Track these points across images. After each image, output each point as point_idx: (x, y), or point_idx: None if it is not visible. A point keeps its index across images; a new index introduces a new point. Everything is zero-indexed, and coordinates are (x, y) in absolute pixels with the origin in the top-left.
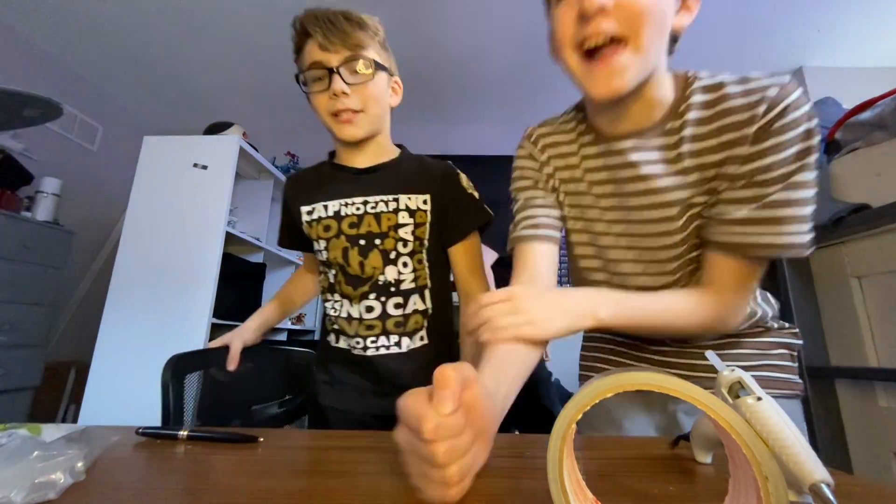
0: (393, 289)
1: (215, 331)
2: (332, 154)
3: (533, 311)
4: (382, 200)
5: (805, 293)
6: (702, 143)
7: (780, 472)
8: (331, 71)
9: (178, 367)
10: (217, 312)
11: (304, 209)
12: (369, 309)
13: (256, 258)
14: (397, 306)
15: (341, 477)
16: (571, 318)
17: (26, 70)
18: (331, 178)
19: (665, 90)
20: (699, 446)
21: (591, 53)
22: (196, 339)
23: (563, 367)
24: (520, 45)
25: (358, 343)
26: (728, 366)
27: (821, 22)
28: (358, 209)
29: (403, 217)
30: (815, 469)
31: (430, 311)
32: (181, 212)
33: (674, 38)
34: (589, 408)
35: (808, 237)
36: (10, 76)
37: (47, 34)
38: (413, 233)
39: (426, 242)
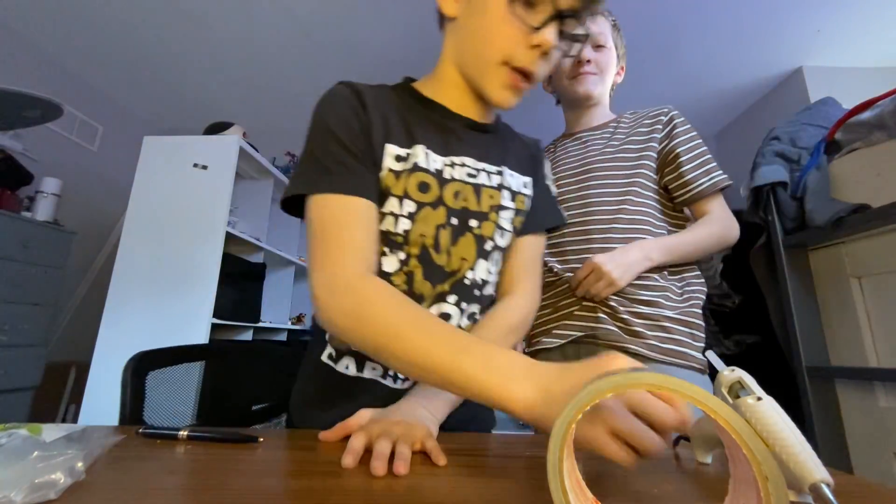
0: (476, 292)
1: (215, 331)
2: (410, 81)
3: (612, 273)
4: (485, 170)
5: (805, 293)
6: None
7: (780, 472)
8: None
9: (140, 366)
10: (217, 312)
11: (393, 148)
12: (444, 318)
13: (256, 258)
14: (471, 317)
15: (341, 477)
16: (637, 268)
17: (26, 70)
18: (430, 119)
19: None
20: (699, 446)
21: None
22: (196, 339)
23: None
24: None
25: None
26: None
27: (821, 22)
28: (468, 174)
29: (506, 198)
30: (815, 469)
31: None
32: (181, 212)
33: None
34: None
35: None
36: (10, 76)
37: (47, 34)
38: (512, 222)
39: (514, 239)
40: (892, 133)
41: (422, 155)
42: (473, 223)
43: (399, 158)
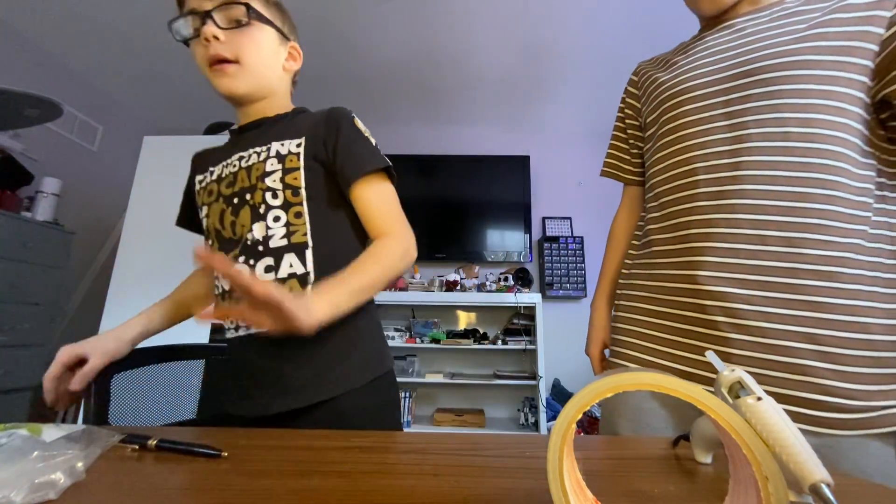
0: (261, 247)
1: (215, 331)
2: None
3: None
4: (255, 152)
5: None
6: None
7: (780, 472)
8: (204, 16)
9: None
10: None
11: (198, 178)
12: None
13: None
14: (268, 269)
15: (341, 477)
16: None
17: (26, 70)
18: (224, 145)
19: None
20: (699, 446)
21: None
22: (196, 339)
23: (563, 366)
24: (519, 46)
25: (231, 323)
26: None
27: None
28: (234, 167)
29: (272, 164)
30: (815, 469)
31: (311, 275)
32: None
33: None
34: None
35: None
36: (10, 76)
37: (47, 34)
38: (282, 180)
39: (303, 192)
40: None
41: (207, 175)
42: (248, 196)
43: (200, 182)
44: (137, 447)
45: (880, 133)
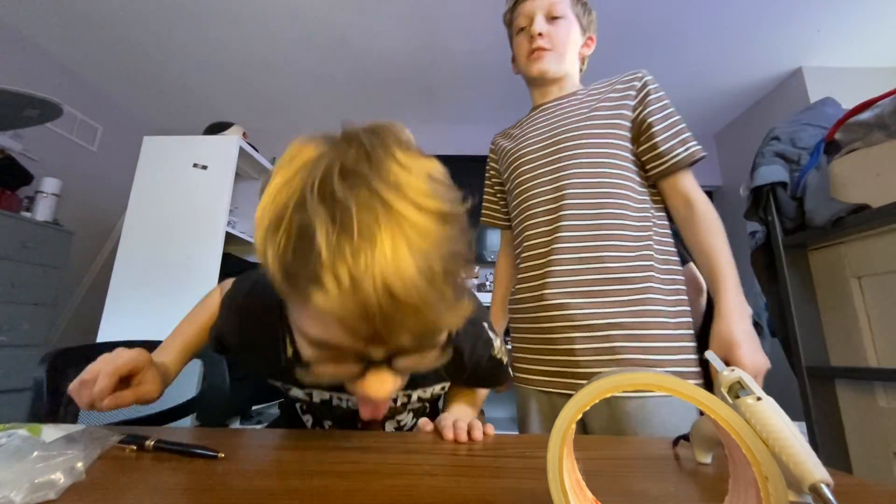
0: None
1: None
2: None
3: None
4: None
5: (805, 293)
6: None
7: (779, 472)
8: None
9: (57, 362)
10: None
11: (282, 385)
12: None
13: (256, 258)
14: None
15: (340, 477)
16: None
17: (26, 70)
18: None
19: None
20: (699, 446)
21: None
22: None
23: None
24: None
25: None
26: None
27: (821, 22)
28: (354, 405)
29: (415, 400)
30: (814, 469)
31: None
32: (181, 212)
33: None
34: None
35: None
36: (10, 76)
37: (47, 34)
38: (418, 409)
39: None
40: (892, 133)
41: (298, 393)
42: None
43: (285, 387)
44: (136, 447)
45: (647, 179)
